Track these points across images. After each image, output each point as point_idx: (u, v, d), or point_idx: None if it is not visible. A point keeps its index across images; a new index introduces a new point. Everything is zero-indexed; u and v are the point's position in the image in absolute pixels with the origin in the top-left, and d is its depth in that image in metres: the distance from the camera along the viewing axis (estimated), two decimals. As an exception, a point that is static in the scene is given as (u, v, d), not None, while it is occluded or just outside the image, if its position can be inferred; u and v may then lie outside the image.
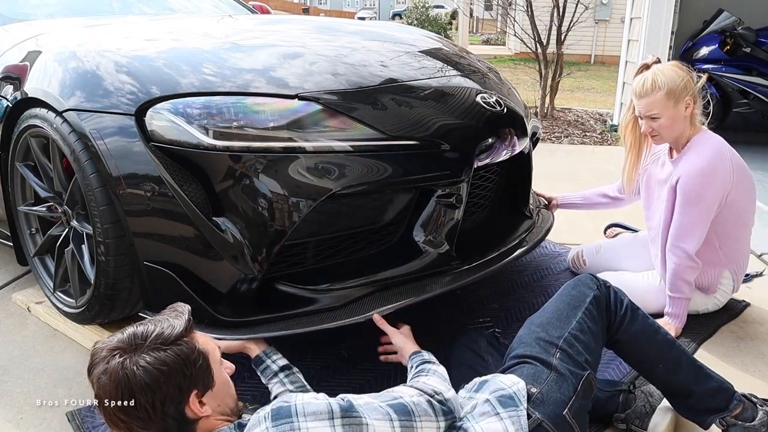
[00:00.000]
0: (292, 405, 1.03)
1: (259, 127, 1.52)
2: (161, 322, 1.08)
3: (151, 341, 1.04)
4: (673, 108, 1.91)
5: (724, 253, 2.02)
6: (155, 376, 1.01)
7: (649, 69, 1.97)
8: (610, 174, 4.01)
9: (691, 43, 5.31)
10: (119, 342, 1.04)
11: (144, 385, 1.00)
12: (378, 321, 1.55)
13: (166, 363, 1.02)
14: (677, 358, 1.45)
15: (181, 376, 1.04)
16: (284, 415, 1.01)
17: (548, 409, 1.22)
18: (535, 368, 1.29)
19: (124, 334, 1.06)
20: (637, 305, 1.50)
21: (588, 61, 13.91)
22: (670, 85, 1.89)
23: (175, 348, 1.05)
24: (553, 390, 1.25)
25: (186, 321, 1.09)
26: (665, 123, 1.93)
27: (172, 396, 1.03)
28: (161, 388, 1.02)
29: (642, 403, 1.54)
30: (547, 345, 1.33)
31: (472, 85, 2.00)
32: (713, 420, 1.43)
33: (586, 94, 8.61)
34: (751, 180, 2.00)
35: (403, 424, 1.08)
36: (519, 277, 2.44)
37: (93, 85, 1.63)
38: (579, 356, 1.31)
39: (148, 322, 1.09)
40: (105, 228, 1.58)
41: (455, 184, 1.73)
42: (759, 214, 2.25)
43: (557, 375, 1.27)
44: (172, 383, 1.03)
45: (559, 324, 1.38)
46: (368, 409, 1.07)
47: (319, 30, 2.30)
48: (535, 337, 1.36)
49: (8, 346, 1.97)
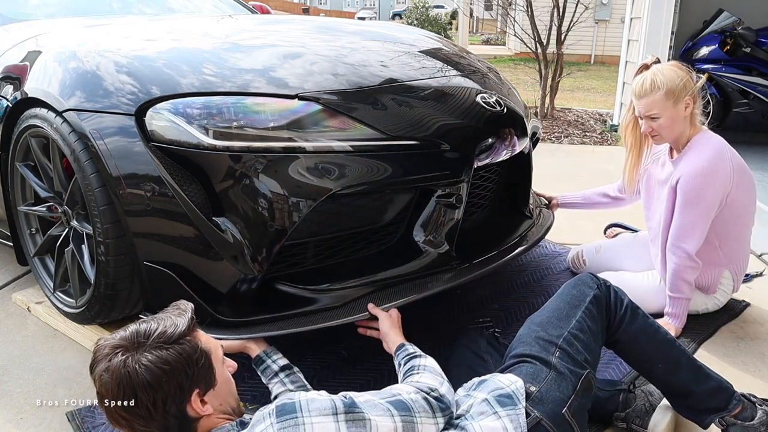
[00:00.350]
0: (297, 402, 1.04)
1: (259, 127, 1.52)
2: (164, 320, 1.08)
3: (153, 339, 1.04)
4: (673, 108, 1.91)
5: (724, 253, 2.02)
6: (157, 374, 1.01)
7: (649, 69, 1.97)
8: (610, 174, 4.01)
9: (691, 43, 5.31)
10: (122, 340, 1.04)
11: (146, 384, 1.00)
12: (371, 308, 1.58)
13: (168, 362, 1.02)
14: (677, 358, 1.45)
15: (183, 375, 1.04)
16: (289, 411, 1.02)
17: (547, 407, 1.22)
18: (535, 367, 1.29)
19: (127, 332, 1.05)
20: (637, 305, 1.50)
21: (588, 61, 13.91)
22: (670, 85, 1.90)
23: (178, 347, 1.04)
24: (552, 389, 1.25)
25: (189, 319, 1.09)
26: (665, 123, 1.93)
27: (173, 395, 1.03)
28: (163, 387, 1.01)
29: (642, 402, 1.54)
30: (547, 344, 1.33)
31: (472, 85, 2.00)
32: (713, 420, 1.44)
33: (586, 94, 8.61)
34: (751, 180, 2.00)
35: (404, 419, 1.09)
36: (519, 277, 2.44)
37: (93, 85, 1.63)
38: (578, 355, 1.32)
39: (151, 319, 1.09)
40: (105, 228, 1.58)
41: (455, 184, 1.73)
42: (759, 214, 2.25)
43: (556, 374, 1.27)
44: (174, 382, 1.03)
45: (559, 323, 1.38)
46: (370, 406, 1.08)
47: (319, 30, 2.30)
48: (534, 336, 1.36)
49: (8, 346, 1.97)
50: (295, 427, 1.00)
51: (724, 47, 5.10)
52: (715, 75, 5.06)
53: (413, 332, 1.93)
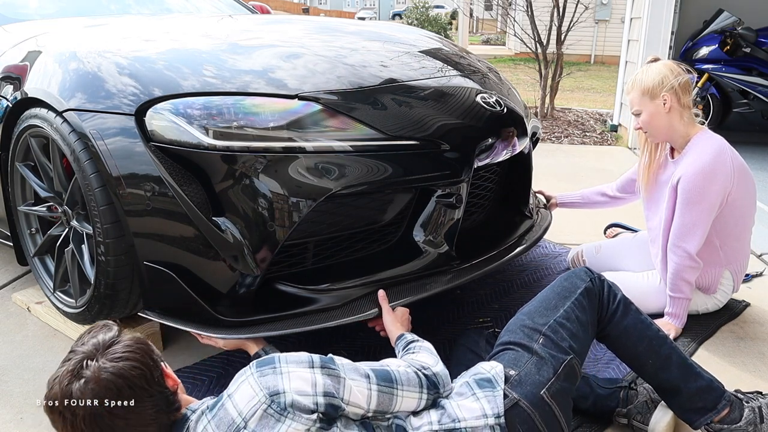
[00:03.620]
0: (275, 356, 1.13)
1: (259, 127, 1.52)
2: (95, 335, 1.11)
3: (101, 346, 1.07)
4: (650, 103, 1.97)
5: (725, 253, 2.03)
6: (132, 358, 1.07)
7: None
8: (610, 174, 4.02)
9: (691, 43, 5.31)
10: (75, 363, 1.06)
11: (130, 368, 1.05)
12: (381, 297, 1.61)
13: (130, 348, 1.08)
14: (668, 356, 1.45)
15: (148, 353, 1.10)
16: (268, 363, 1.11)
17: (525, 389, 1.23)
18: (517, 353, 1.31)
19: (70, 362, 1.07)
20: (632, 301, 1.50)
21: (588, 61, 13.91)
22: (646, 82, 1.96)
23: (124, 341, 1.09)
24: (531, 372, 1.26)
25: (118, 329, 1.13)
26: (645, 119, 1.99)
27: (153, 367, 1.09)
28: (143, 363, 1.07)
29: (644, 398, 1.54)
30: (531, 332, 1.34)
31: (472, 85, 2.00)
32: (701, 423, 1.43)
33: (586, 94, 8.61)
34: (751, 180, 2.00)
35: (381, 389, 1.15)
36: (519, 277, 2.44)
37: (93, 86, 1.63)
38: (563, 342, 1.32)
39: (81, 342, 1.12)
40: (105, 228, 1.58)
41: (455, 184, 1.73)
42: (759, 214, 2.26)
43: (538, 359, 1.28)
44: (147, 357, 1.09)
45: (546, 312, 1.39)
46: (349, 369, 1.15)
47: (319, 30, 2.30)
48: (520, 324, 1.38)
49: (8, 346, 1.97)
50: (273, 374, 1.08)
51: (724, 47, 5.10)
52: (715, 75, 5.06)
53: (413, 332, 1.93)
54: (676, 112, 1.96)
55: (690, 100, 2.00)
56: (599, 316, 1.45)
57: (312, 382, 1.08)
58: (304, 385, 1.07)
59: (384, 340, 1.58)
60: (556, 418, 1.23)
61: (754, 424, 1.42)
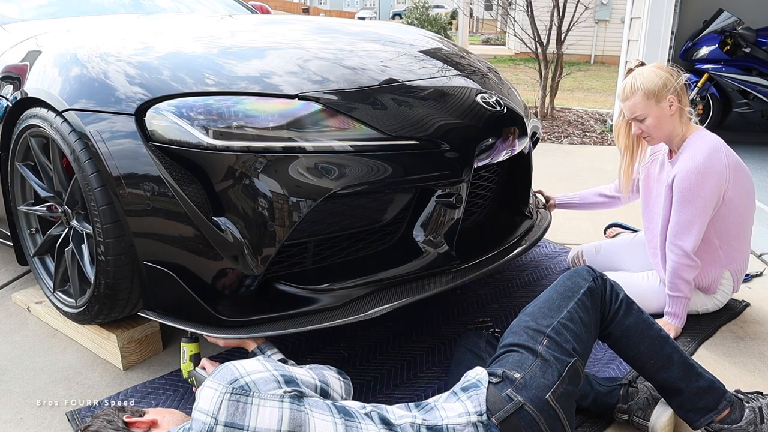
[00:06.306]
0: (227, 363, 1.19)
1: (259, 127, 1.52)
2: None
3: None
4: (656, 107, 1.94)
5: (725, 252, 2.03)
6: None
7: (632, 73, 2.00)
8: (609, 174, 4.02)
9: (691, 43, 5.31)
10: None
11: None
12: None
13: None
14: (669, 355, 1.45)
15: None
16: (221, 367, 1.16)
17: (531, 393, 1.22)
18: (521, 356, 1.30)
19: None
20: (633, 300, 1.50)
21: (588, 61, 13.91)
22: (648, 86, 1.93)
23: None
24: (536, 375, 1.25)
25: None
26: (651, 123, 1.96)
27: None
28: None
29: (645, 395, 1.54)
30: (535, 333, 1.34)
31: (472, 85, 2.00)
32: (702, 423, 1.44)
33: (586, 94, 8.61)
34: (749, 178, 2.00)
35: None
36: (519, 277, 2.44)
37: (93, 85, 1.63)
38: (567, 344, 1.31)
39: None
40: (105, 228, 1.58)
41: (455, 184, 1.73)
42: (759, 214, 2.25)
43: (542, 361, 1.28)
44: None
45: (550, 313, 1.38)
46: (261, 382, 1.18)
47: (319, 30, 2.30)
48: (524, 326, 1.37)
49: (8, 346, 1.97)
50: (226, 369, 1.13)
51: (724, 47, 5.10)
52: (715, 75, 5.06)
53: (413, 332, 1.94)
54: (677, 114, 1.96)
55: (688, 100, 2.01)
56: (602, 316, 1.45)
57: (266, 368, 1.16)
58: (258, 366, 1.15)
59: (384, 340, 1.58)
60: (560, 422, 1.23)
61: (754, 424, 1.42)
